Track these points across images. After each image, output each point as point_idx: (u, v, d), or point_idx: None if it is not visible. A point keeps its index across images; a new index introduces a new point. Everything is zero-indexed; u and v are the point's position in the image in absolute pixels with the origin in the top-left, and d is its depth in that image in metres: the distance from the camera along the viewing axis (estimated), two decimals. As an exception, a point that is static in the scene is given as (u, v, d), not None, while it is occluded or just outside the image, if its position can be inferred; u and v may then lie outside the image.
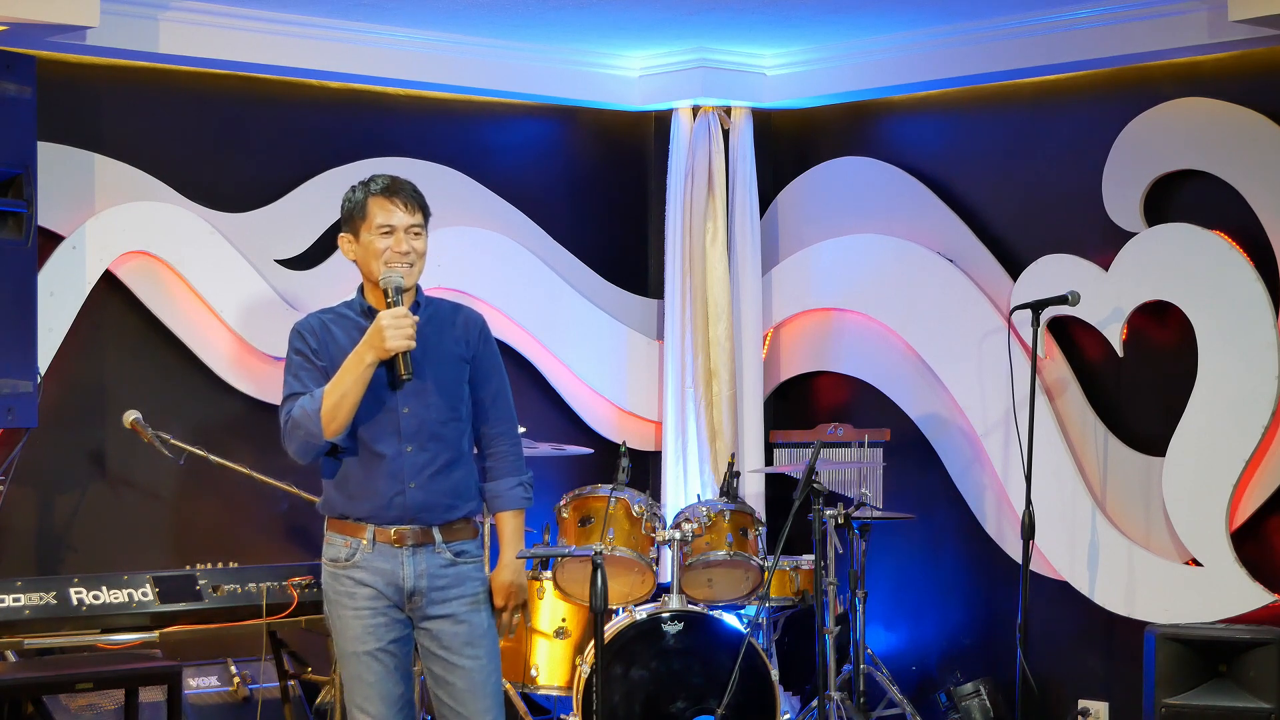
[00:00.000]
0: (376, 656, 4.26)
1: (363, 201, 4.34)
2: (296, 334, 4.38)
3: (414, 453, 4.27)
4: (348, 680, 4.30)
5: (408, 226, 4.30)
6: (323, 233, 6.59)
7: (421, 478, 4.27)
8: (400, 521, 4.26)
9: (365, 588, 4.26)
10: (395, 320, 4.16)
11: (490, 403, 4.43)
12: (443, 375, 4.32)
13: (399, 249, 4.28)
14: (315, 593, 5.35)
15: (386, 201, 4.30)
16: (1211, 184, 6.09)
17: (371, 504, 4.27)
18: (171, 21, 5.99)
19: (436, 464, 4.29)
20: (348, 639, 4.28)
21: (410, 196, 4.33)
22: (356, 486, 4.29)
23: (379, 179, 4.36)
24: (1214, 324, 6.05)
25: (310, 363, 4.32)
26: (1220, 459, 5.99)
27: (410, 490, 4.26)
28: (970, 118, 6.85)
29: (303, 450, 4.30)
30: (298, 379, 4.33)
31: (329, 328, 4.36)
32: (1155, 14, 6.00)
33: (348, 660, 4.29)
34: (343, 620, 4.29)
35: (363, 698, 4.26)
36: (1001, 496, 6.62)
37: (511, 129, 7.10)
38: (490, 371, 4.44)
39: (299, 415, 4.25)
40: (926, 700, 6.75)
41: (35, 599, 5.01)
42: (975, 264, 6.75)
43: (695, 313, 7.14)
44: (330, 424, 4.20)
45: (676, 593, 6.16)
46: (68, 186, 5.97)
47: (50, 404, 5.85)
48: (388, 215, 4.29)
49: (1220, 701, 5.65)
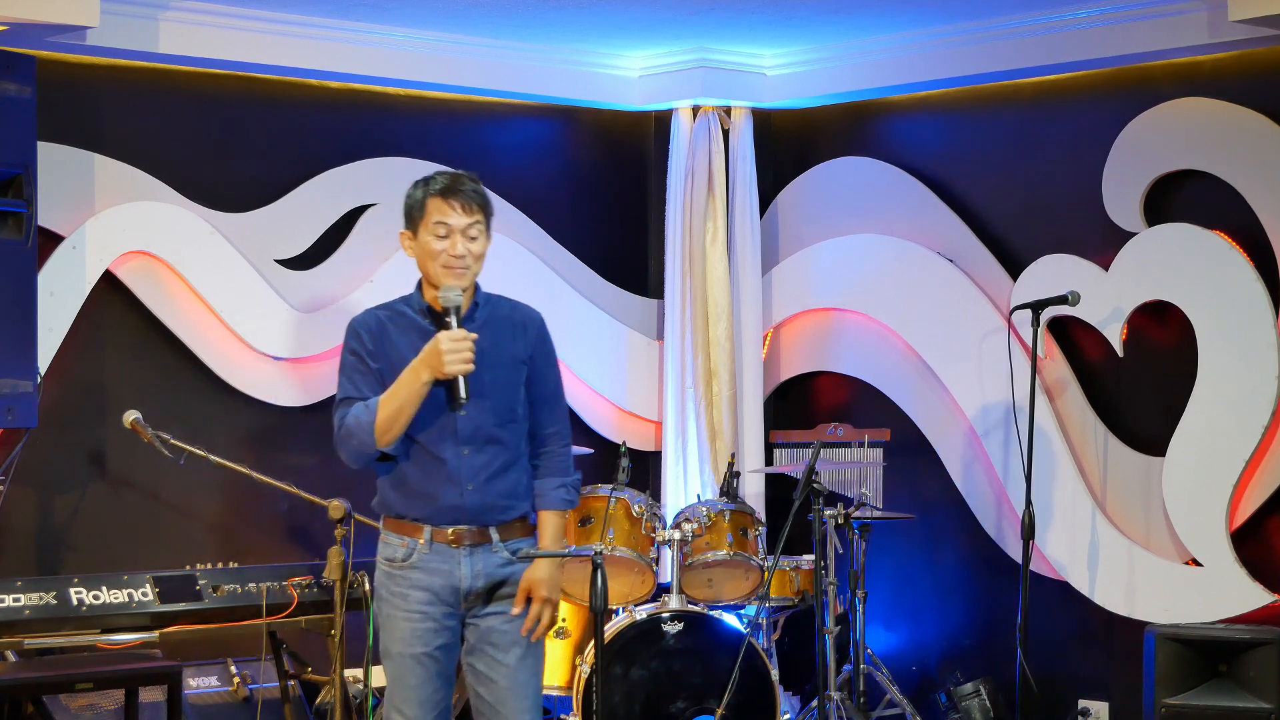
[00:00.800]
0: (421, 660, 4.23)
1: (421, 201, 4.27)
2: (353, 332, 4.32)
3: (471, 455, 4.22)
4: (390, 679, 4.28)
5: (465, 228, 4.22)
6: (323, 233, 6.59)
7: (479, 480, 4.23)
8: (458, 522, 4.23)
9: (420, 591, 4.23)
10: (454, 344, 4.10)
11: (544, 403, 4.38)
12: (501, 377, 4.27)
13: (454, 251, 4.21)
14: (315, 593, 5.35)
15: (444, 202, 4.23)
16: (1211, 184, 6.09)
17: (429, 506, 4.23)
18: (171, 21, 5.99)
19: (494, 466, 4.25)
20: (395, 639, 4.25)
21: (470, 197, 4.24)
22: (414, 488, 4.25)
23: (440, 177, 4.29)
24: (1214, 324, 6.05)
25: (364, 364, 4.28)
26: (1220, 459, 5.99)
27: (468, 493, 4.22)
28: (970, 118, 6.85)
29: (355, 458, 4.27)
30: (352, 382, 4.29)
31: (385, 327, 4.30)
32: (1155, 14, 6.00)
33: (392, 660, 4.26)
34: (393, 620, 4.26)
35: (401, 699, 4.24)
36: (1001, 496, 6.62)
37: (511, 129, 7.10)
38: (546, 372, 4.39)
39: (352, 424, 4.21)
40: (926, 700, 6.75)
41: (35, 599, 5.01)
42: (975, 264, 6.75)
43: (695, 313, 7.14)
44: (384, 436, 4.17)
45: (676, 593, 6.16)
46: (68, 186, 5.96)
47: (50, 404, 5.85)
48: (444, 215, 4.22)
49: (1220, 701, 5.64)
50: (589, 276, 7.23)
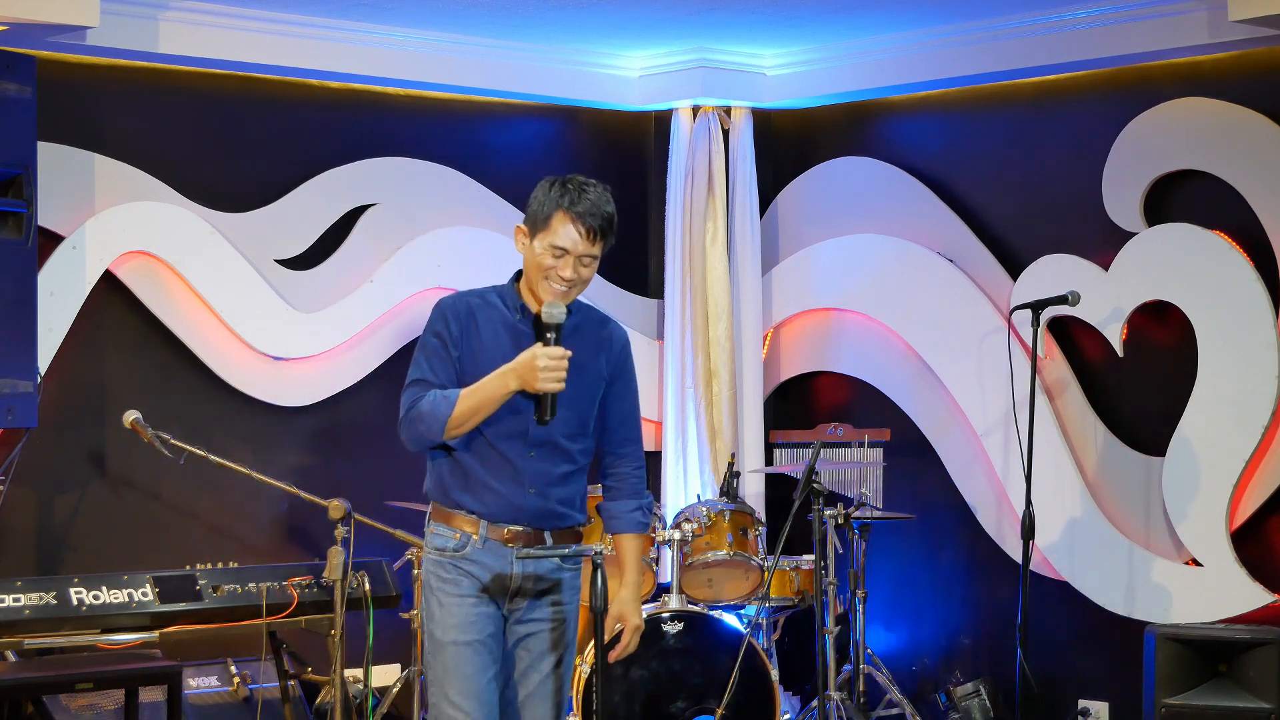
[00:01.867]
0: (475, 649, 4.10)
1: (550, 211, 4.05)
2: (439, 314, 4.16)
3: (537, 459, 4.13)
4: (440, 671, 4.12)
5: (582, 254, 4.04)
6: (323, 233, 6.59)
7: (541, 484, 4.14)
8: (516, 521, 4.13)
9: (472, 578, 4.12)
10: (552, 362, 3.98)
11: (620, 423, 4.28)
12: (579, 389, 4.15)
13: (564, 274, 4.04)
14: (315, 593, 5.35)
15: (571, 222, 4.02)
16: (1211, 184, 6.09)
17: (490, 502, 4.12)
18: (171, 21, 5.99)
19: (556, 473, 4.16)
20: (448, 627, 4.11)
21: (598, 224, 4.04)
22: (477, 482, 4.13)
23: (575, 188, 4.05)
24: (1214, 324, 6.05)
25: (446, 350, 4.13)
26: (1220, 459, 5.99)
27: (530, 495, 4.13)
28: (970, 118, 6.86)
29: (416, 442, 4.15)
30: (430, 365, 4.14)
31: (474, 315, 4.14)
32: (1155, 14, 6.01)
33: (444, 650, 4.11)
34: (445, 608, 4.12)
35: (455, 691, 4.08)
36: (1001, 496, 6.62)
37: (511, 129, 7.10)
38: (625, 391, 4.29)
39: (426, 411, 4.08)
40: (926, 700, 6.75)
41: (35, 599, 5.01)
42: (975, 264, 6.75)
43: (695, 313, 7.14)
44: (454, 430, 4.06)
45: (676, 593, 6.16)
46: (68, 186, 5.96)
47: (50, 404, 5.85)
48: (566, 237, 4.02)
49: (1220, 701, 5.64)
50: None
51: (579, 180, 4.09)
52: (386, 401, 6.62)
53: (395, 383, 6.61)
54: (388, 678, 6.42)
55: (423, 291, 6.72)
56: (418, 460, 4.27)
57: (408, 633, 6.18)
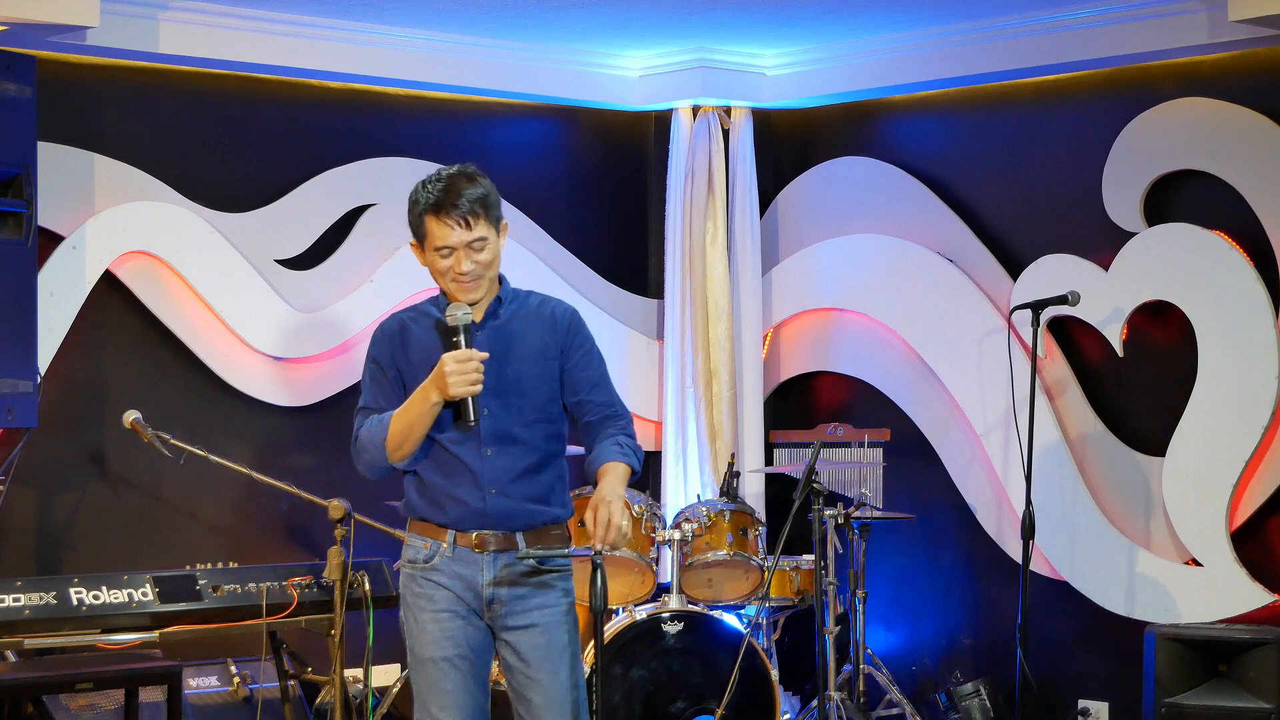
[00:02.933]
0: (454, 663, 4.05)
1: (419, 218, 4.04)
2: (374, 339, 4.16)
3: (494, 457, 4.05)
4: (422, 688, 4.09)
5: (468, 243, 4.00)
6: (323, 233, 6.59)
7: (502, 482, 4.05)
8: (481, 527, 4.06)
9: (444, 590, 4.07)
10: (460, 365, 3.92)
11: (590, 391, 4.14)
12: (526, 373, 4.08)
13: (459, 269, 4.00)
14: (315, 593, 5.35)
15: (438, 221, 3.99)
16: (1211, 184, 6.09)
17: (452, 509, 4.06)
18: (171, 21, 5.99)
19: (518, 468, 4.07)
20: (424, 644, 4.09)
21: (465, 209, 3.98)
22: (437, 491, 4.08)
23: (432, 187, 4.02)
24: (1214, 324, 6.05)
25: (383, 372, 4.12)
26: (1220, 459, 5.99)
27: (491, 496, 4.05)
28: (970, 118, 6.86)
29: (369, 471, 4.12)
30: (368, 391, 4.14)
31: (407, 329, 4.13)
32: (1155, 14, 6.01)
33: (423, 667, 4.09)
34: (419, 624, 4.10)
35: (438, 707, 4.04)
36: (1001, 496, 6.62)
37: (511, 129, 7.10)
38: (586, 361, 4.14)
39: (365, 438, 4.07)
40: (926, 700, 6.75)
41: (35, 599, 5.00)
42: (975, 264, 6.75)
43: (695, 313, 7.14)
44: (395, 452, 4.03)
45: (676, 593, 6.16)
46: (68, 186, 5.96)
47: (50, 404, 5.85)
48: (443, 237, 3.99)
49: (1220, 701, 5.65)
50: (589, 276, 7.23)
51: (433, 176, 4.06)
52: (386, 401, 6.63)
53: (395, 383, 6.65)
54: (388, 678, 6.42)
55: (422, 291, 6.66)
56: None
57: (408, 633, 6.17)
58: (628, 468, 4.10)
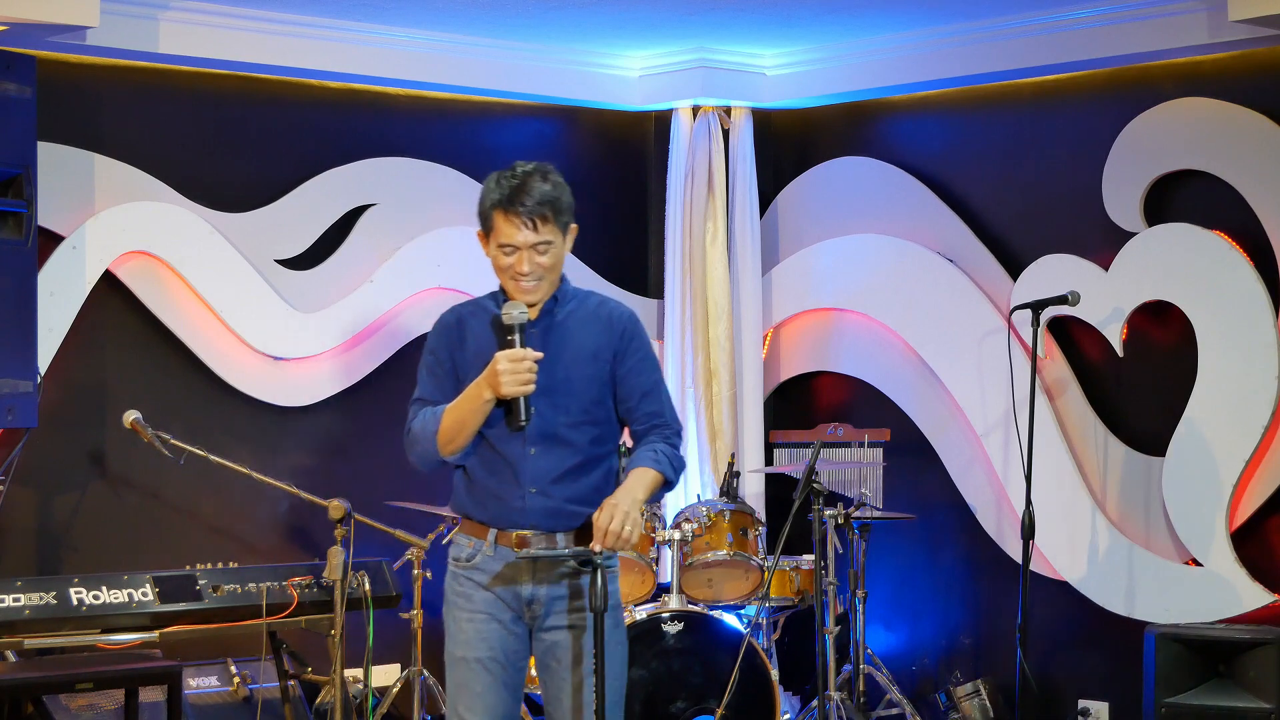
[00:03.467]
0: (486, 665, 4.00)
1: (488, 211, 3.98)
2: (433, 330, 4.14)
3: (538, 456, 3.99)
4: (454, 687, 4.06)
5: (533, 245, 3.95)
6: (323, 233, 6.59)
7: (543, 483, 4.00)
8: (521, 526, 4.01)
9: (484, 591, 4.02)
10: (513, 364, 3.88)
11: (640, 400, 4.07)
12: (576, 374, 4.03)
13: (520, 269, 3.95)
14: (315, 593, 5.35)
15: (505, 218, 3.94)
16: (1211, 184, 6.09)
17: (494, 507, 4.02)
18: (171, 21, 5.99)
19: (561, 469, 4.01)
20: (458, 643, 4.04)
21: (534, 210, 3.94)
22: (480, 488, 4.05)
23: (504, 184, 3.98)
24: (1214, 324, 6.05)
25: (438, 365, 4.09)
26: (1220, 459, 5.99)
27: (530, 495, 4.00)
28: (970, 118, 6.86)
29: (421, 462, 4.09)
30: (424, 383, 4.09)
31: (465, 322, 4.09)
32: (1155, 14, 6.01)
33: (455, 666, 4.04)
34: (457, 623, 4.05)
35: (466, 707, 4.01)
36: (1001, 496, 6.62)
37: (511, 129, 7.10)
38: (639, 367, 4.08)
39: (417, 430, 4.03)
40: (926, 700, 6.75)
41: (35, 599, 5.00)
42: (975, 264, 6.75)
43: (695, 313, 7.14)
44: (446, 446, 3.99)
45: (676, 593, 6.16)
46: (68, 186, 5.96)
47: (50, 404, 5.85)
48: (509, 235, 3.94)
49: (1220, 701, 5.65)
50: (589, 276, 7.23)
51: (511, 170, 4.01)
52: (387, 402, 6.63)
53: (395, 383, 6.66)
54: (388, 678, 6.42)
55: (423, 291, 6.72)
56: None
57: (408, 633, 6.17)
58: (657, 475, 4.03)
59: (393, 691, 6.22)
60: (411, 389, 4.17)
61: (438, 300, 6.78)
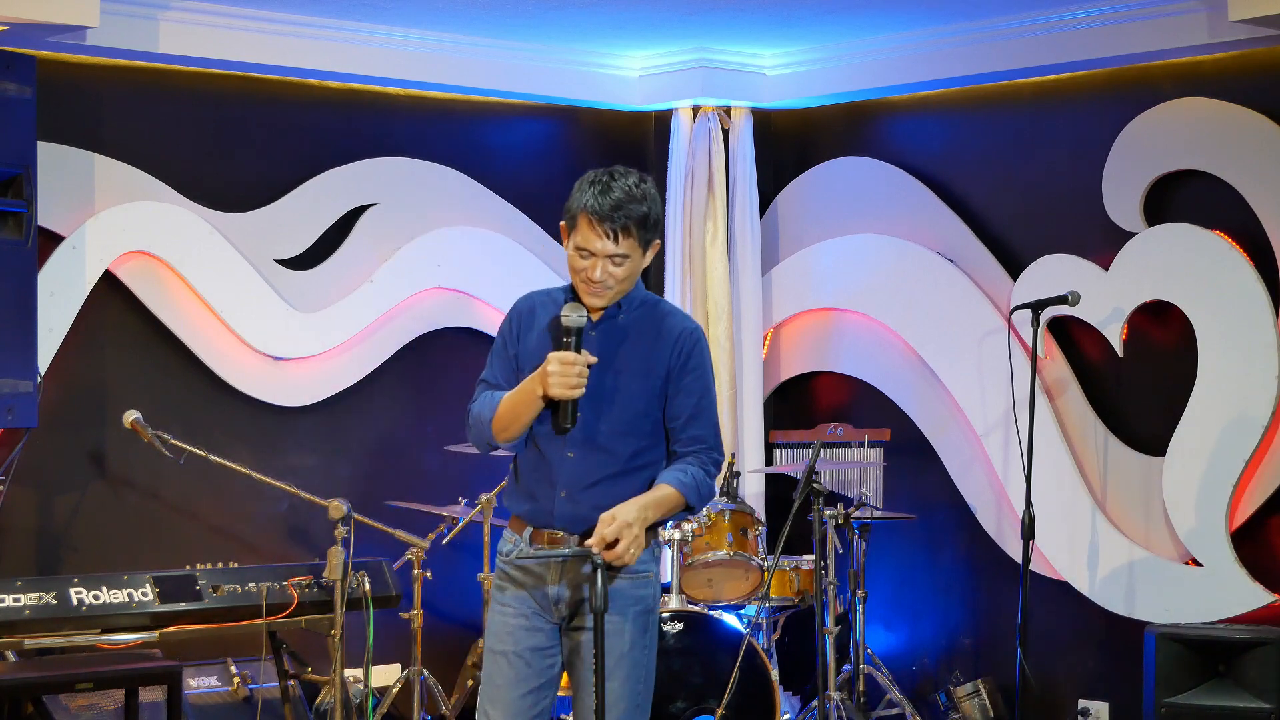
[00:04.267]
0: (509, 659, 4.01)
1: (575, 210, 3.90)
2: (508, 314, 4.11)
3: (575, 460, 3.97)
4: (483, 678, 4.10)
5: (610, 255, 3.88)
6: (323, 233, 6.59)
7: (576, 487, 3.97)
8: (552, 526, 4.00)
9: (515, 587, 4.03)
10: (563, 367, 3.84)
11: (687, 422, 4.01)
12: (627, 385, 3.97)
13: (592, 276, 3.89)
14: (315, 593, 5.35)
15: (591, 225, 3.87)
16: (1211, 184, 6.09)
17: (530, 505, 4.03)
18: (171, 21, 5.99)
19: (596, 475, 3.97)
20: (490, 634, 4.08)
21: (621, 223, 3.85)
22: (523, 485, 4.05)
23: (599, 184, 3.88)
24: (1214, 324, 6.05)
25: (505, 350, 4.07)
26: (1220, 459, 5.99)
27: (560, 499, 3.98)
28: (970, 118, 6.86)
29: (478, 445, 4.09)
30: (491, 366, 4.09)
31: (535, 311, 4.06)
32: (1155, 14, 6.01)
33: (486, 657, 4.08)
34: (492, 615, 4.08)
35: (488, 699, 4.03)
36: (1001, 496, 6.62)
37: (511, 129, 7.10)
38: (691, 387, 4.00)
39: (476, 412, 4.03)
40: (926, 700, 6.75)
41: (35, 599, 5.00)
42: (975, 264, 6.75)
43: (695, 313, 7.13)
44: (500, 434, 3.98)
45: (676, 593, 6.16)
46: (68, 186, 5.97)
47: (50, 404, 5.85)
48: (588, 240, 3.88)
49: (1220, 701, 5.64)
50: (589, 276, 7.23)
51: (609, 174, 3.92)
52: (387, 401, 6.63)
53: (396, 382, 6.66)
54: (388, 678, 6.42)
55: (423, 291, 6.72)
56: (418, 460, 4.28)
57: (408, 633, 6.17)
58: (679, 498, 3.97)
59: (393, 691, 6.22)
60: (410, 390, 4.17)
61: (438, 300, 6.79)
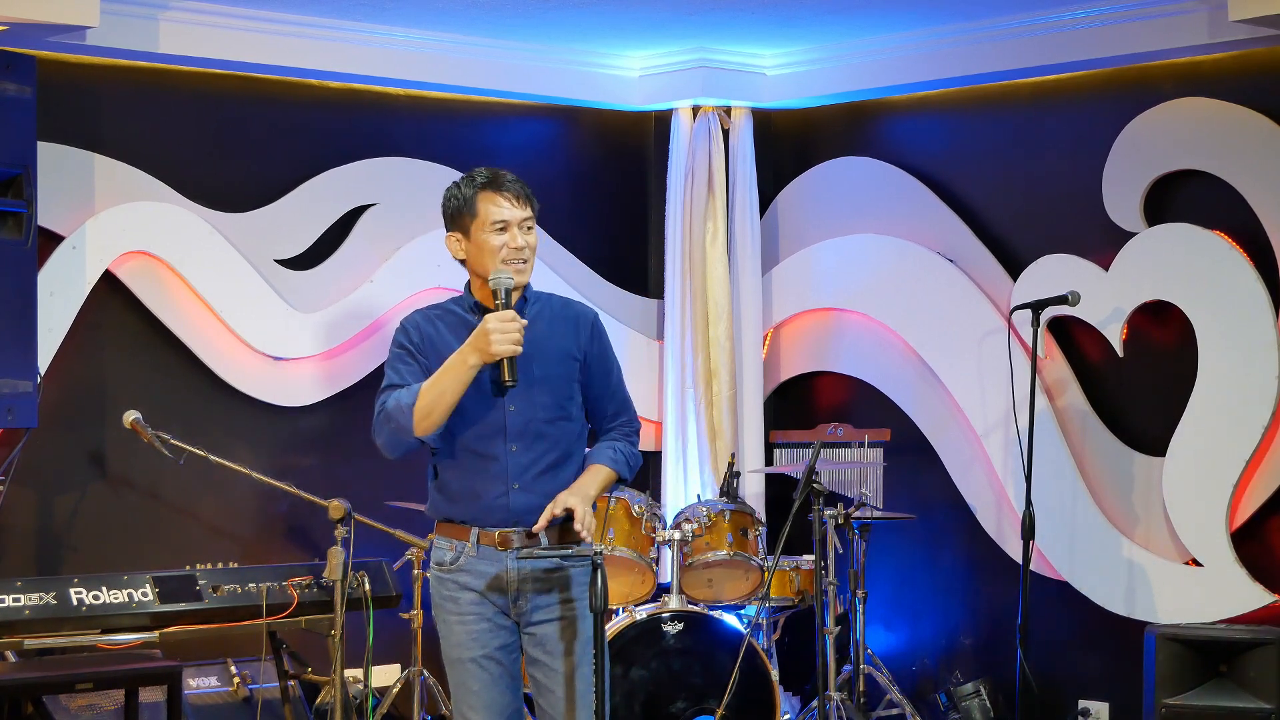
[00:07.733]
0: (481, 664, 4.13)
1: (470, 198, 4.16)
2: (401, 329, 4.25)
3: (519, 453, 4.14)
4: (454, 688, 4.18)
5: (521, 221, 4.14)
6: (323, 233, 6.59)
7: (526, 478, 4.14)
8: (504, 524, 4.13)
9: (469, 592, 4.14)
10: (502, 324, 4.01)
11: (606, 398, 4.31)
12: (550, 372, 4.19)
13: (514, 244, 4.13)
14: (315, 593, 5.35)
15: (495, 196, 4.14)
16: (1211, 184, 6.09)
17: (475, 506, 4.14)
18: (171, 21, 5.99)
19: (541, 464, 4.16)
20: (452, 645, 4.17)
21: (518, 188, 4.17)
22: (459, 488, 4.16)
23: (480, 173, 4.19)
24: (1214, 324, 6.05)
25: (412, 358, 4.19)
26: (1220, 459, 5.99)
27: (514, 492, 4.13)
28: (970, 118, 6.86)
29: (391, 444, 4.15)
30: (397, 372, 4.19)
31: (435, 324, 4.23)
32: (1155, 14, 6.01)
33: (453, 667, 4.17)
34: (447, 626, 4.18)
35: (468, 706, 4.13)
36: (1001, 496, 6.62)
37: (511, 129, 7.10)
38: (604, 367, 4.30)
39: (392, 407, 4.10)
40: (926, 700, 6.75)
41: (35, 599, 5.00)
42: (975, 264, 6.75)
43: (695, 313, 7.14)
44: (423, 421, 4.06)
45: (676, 593, 6.16)
46: (68, 186, 5.97)
47: (50, 404, 5.85)
48: (499, 211, 4.13)
49: (1220, 701, 5.65)
50: (589, 276, 7.23)
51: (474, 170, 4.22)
52: (386, 401, 6.62)
53: (395, 383, 6.64)
54: (388, 678, 6.42)
55: (423, 291, 6.72)
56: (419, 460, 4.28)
57: (408, 633, 6.18)
58: (611, 473, 4.28)
59: (393, 691, 6.22)
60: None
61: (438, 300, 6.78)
